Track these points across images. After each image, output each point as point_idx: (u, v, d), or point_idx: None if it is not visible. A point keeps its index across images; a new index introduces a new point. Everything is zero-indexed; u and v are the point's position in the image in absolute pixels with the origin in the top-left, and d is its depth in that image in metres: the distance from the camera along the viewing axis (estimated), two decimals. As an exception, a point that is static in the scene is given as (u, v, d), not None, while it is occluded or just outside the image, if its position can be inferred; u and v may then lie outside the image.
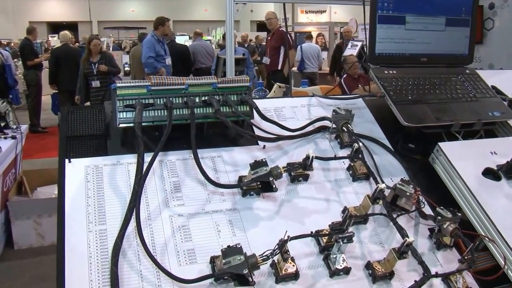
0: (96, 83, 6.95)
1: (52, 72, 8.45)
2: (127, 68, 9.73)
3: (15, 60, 10.09)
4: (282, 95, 3.56)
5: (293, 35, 12.68)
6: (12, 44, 14.36)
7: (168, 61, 7.32)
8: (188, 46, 9.35)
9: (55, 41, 17.05)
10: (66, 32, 9.19)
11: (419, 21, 1.70)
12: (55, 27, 25.22)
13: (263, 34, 13.86)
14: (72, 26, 17.90)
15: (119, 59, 10.99)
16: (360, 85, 5.75)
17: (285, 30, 7.47)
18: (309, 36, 11.73)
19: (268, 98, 2.85)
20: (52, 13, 27.24)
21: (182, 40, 13.99)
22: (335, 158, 1.40)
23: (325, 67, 11.95)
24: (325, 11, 19.06)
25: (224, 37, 9.57)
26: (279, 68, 7.60)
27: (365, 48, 9.48)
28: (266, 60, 8.14)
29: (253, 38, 15.54)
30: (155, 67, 7.00)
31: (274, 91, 3.66)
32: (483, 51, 1.84)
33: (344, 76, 6.59)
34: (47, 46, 14.15)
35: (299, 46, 10.41)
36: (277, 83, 3.71)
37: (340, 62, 8.57)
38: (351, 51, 11.76)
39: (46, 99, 9.80)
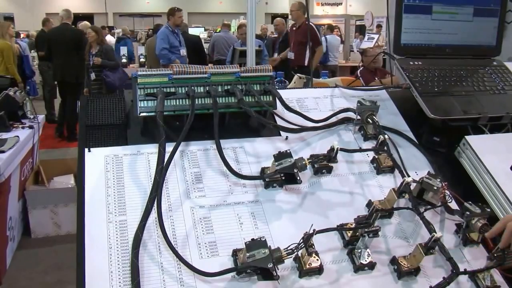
0: (92, 75, 6.90)
1: None
2: (142, 59, 9.68)
3: (32, 51, 10.12)
4: (303, 86, 3.52)
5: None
6: (30, 35, 14.42)
7: (183, 52, 7.25)
8: (210, 38, 9.22)
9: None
10: (87, 22, 9.16)
11: (446, 10, 1.65)
12: (71, 19, 25.34)
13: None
14: (88, 18, 17.91)
15: (135, 50, 10.96)
16: (376, 78, 5.69)
17: (308, 25, 7.35)
18: (331, 28, 11.55)
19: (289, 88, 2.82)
20: (69, 5, 27.31)
21: (197, 32, 13.93)
22: (361, 150, 1.37)
23: (340, 59, 11.87)
24: (341, 3, 18.93)
25: (238, 29, 9.40)
26: (306, 64, 7.32)
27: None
28: (291, 55, 7.63)
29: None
30: (169, 59, 6.94)
31: (295, 82, 3.62)
32: (503, 45, 1.77)
33: (361, 69, 6.51)
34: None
35: (323, 38, 10.04)
36: (298, 74, 3.67)
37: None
38: (367, 43, 11.66)
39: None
